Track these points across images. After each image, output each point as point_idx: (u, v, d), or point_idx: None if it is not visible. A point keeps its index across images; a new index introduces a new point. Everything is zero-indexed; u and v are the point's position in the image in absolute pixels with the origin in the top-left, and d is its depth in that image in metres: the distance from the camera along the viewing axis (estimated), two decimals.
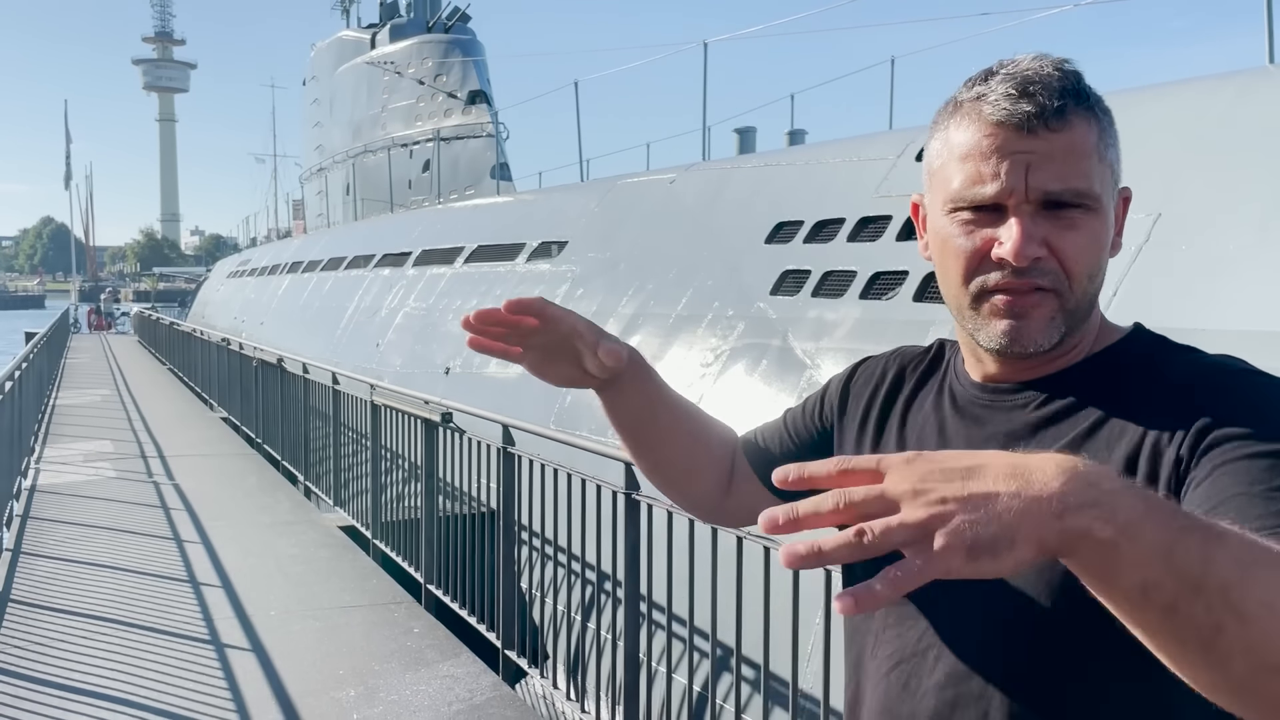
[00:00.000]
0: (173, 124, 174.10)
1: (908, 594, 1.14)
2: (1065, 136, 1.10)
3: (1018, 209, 1.11)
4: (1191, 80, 5.86)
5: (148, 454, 11.19)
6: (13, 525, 7.72)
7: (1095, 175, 1.12)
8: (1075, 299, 1.14)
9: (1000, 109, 1.11)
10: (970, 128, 1.14)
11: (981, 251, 1.13)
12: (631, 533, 4.24)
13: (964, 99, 1.16)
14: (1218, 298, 4.50)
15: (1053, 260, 1.11)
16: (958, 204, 1.15)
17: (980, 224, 1.14)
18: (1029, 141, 1.10)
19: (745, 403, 6.62)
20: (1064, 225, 1.11)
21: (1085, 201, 1.11)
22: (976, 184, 1.12)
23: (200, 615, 5.71)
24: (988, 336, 1.16)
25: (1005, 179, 1.10)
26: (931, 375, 1.34)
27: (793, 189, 7.89)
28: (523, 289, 10.71)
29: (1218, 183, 4.97)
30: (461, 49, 21.91)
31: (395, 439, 7.23)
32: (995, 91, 1.12)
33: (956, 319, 1.22)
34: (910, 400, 1.33)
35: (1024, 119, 1.10)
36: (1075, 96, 1.12)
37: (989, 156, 1.11)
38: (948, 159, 1.16)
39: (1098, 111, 1.15)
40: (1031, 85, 1.11)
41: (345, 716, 4.43)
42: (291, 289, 21.06)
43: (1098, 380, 1.17)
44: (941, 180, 1.17)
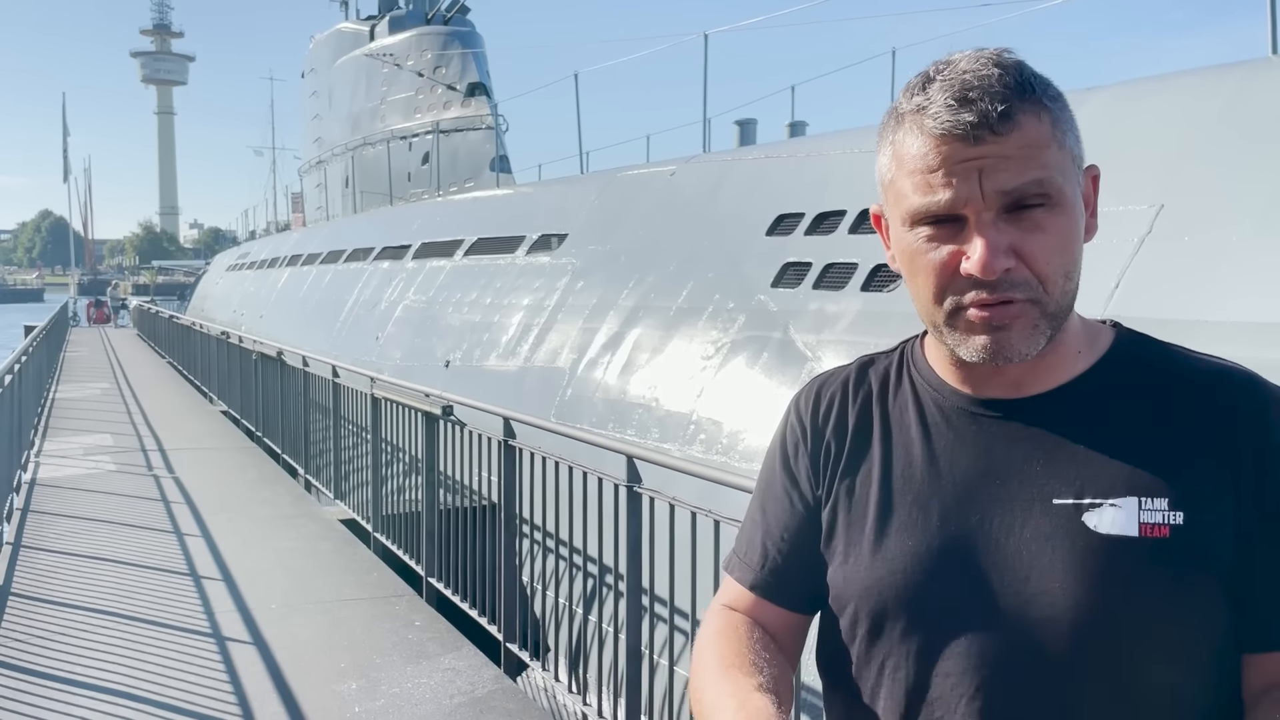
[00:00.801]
0: (171, 117, 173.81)
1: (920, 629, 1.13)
2: (1015, 137, 1.06)
3: (979, 218, 1.07)
4: (1193, 71, 5.85)
5: (148, 447, 11.18)
6: (13, 519, 7.71)
7: (1055, 166, 1.08)
8: (1055, 301, 1.10)
9: (942, 122, 1.07)
10: (915, 141, 1.09)
11: (950, 266, 1.09)
12: (633, 525, 4.24)
13: (905, 110, 1.11)
14: (1219, 289, 4.49)
15: (1023, 269, 1.07)
16: (916, 218, 1.11)
17: (943, 238, 1.09)
18: (977, 149, 1.06)
19: (746, 396, 6.62)
20: (1029, 228, 1.07)
21: (1047, 192, 1.07)
22: (930, 196, 1.08)
23: (201, 608, 5.71)
24: (969, 351, 1.11)
25: (959, 189, 1.06)
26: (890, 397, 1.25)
27: (794, 181, 7.88)
28: (522, 281, 10.70)
29: (1220, 174, 4.96)
30: (461, 41, 21.85)
31: (395, 432, 7.22)
32: (935, 103, 1.07)
33: (933, 334, 1.18)
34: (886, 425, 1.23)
35: (968, 129, 1.05)
36: (1019, 92, 1.07)
37: (937, 169, 1.07)
38: (897, 173, 1.12)
39: (1045, 101, 1.09)
40: (971, 91, 1.06)
41: (347, 709, 4.43)
42: (291, 282, 21.05)
43: (1108, 392, 1.14)
44: (895, 195, 1.13)
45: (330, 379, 8.77)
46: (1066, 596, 1.06)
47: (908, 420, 1.22)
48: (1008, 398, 1.16)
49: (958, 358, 1.15)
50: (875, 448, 1.23)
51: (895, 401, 1.24)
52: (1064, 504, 1.09)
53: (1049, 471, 1.11)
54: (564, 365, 8.76)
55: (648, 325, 8.08)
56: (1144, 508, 1.07)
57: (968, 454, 1.16)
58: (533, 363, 9.36)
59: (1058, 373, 1.15)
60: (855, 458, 1.24)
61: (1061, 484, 1.10)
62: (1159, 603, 1.05)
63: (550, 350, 9.19)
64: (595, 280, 9.37)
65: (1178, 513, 1.06)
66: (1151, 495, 1.07)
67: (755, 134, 17.74)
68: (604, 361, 8.26)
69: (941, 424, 1.19)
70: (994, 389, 1.16)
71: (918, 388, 1.23)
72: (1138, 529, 1.06)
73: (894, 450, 1.21)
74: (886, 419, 1.24)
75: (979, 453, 1.15)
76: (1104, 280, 4.73)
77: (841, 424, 1.26)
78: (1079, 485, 1.09)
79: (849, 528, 1.21)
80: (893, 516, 1.18)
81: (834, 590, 1.21)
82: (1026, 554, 1.09)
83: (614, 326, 8.48)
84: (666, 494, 4.02)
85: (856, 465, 1.23)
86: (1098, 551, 1.06)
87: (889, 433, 1.23)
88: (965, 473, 1.15)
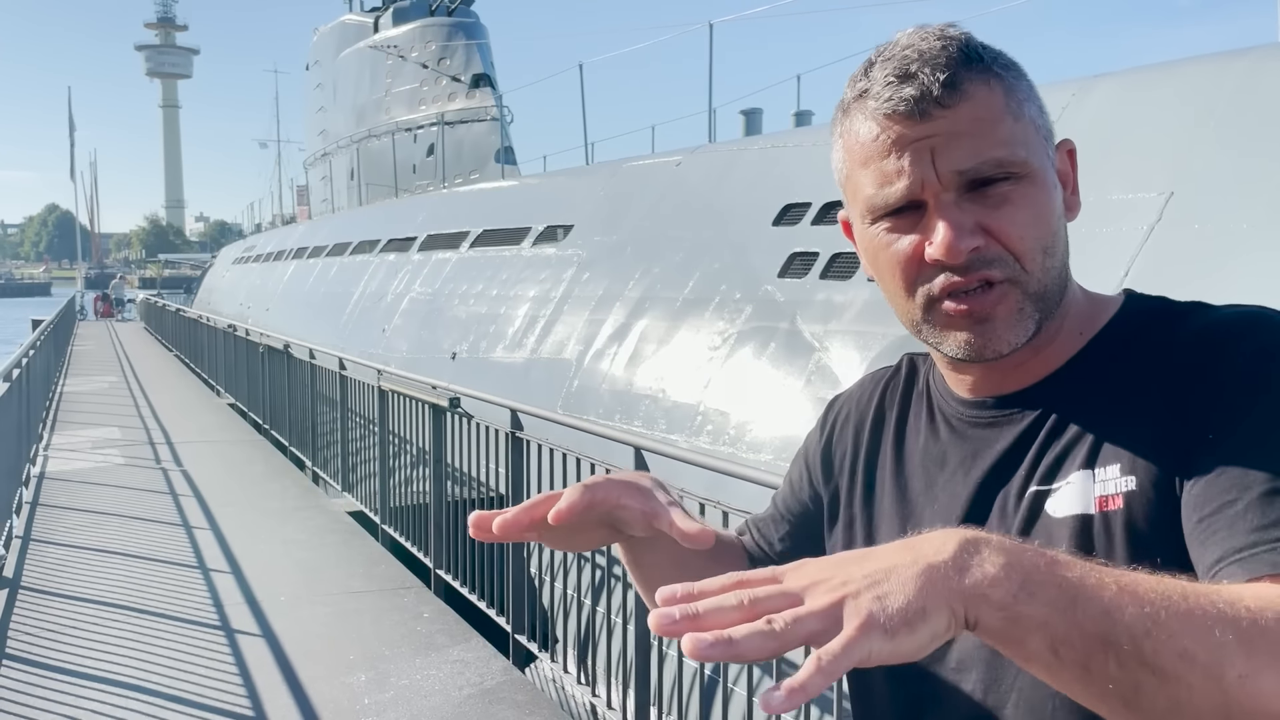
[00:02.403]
0: (176, 110, 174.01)
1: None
2: (965, 109, 0.98)
3: (938, 200, 0.99)
4: (1202, 58, 5.80)
5: (155, 441, 11.21)
6: (22, 512, 7.73)
7: (1014, 139, 0.99)
8: (1036, 280, 1.01)
9: (884, 101, 1.00)
10: (861, 128, 1.03)
11: (915, 256, 1.02)
12: None
13: (849, 100, 1.05)
14: (1230, 276, 4.46)
15: (995, 244, 0.99)
16: (875, 213, 1.04)
17: (904, 227, 1.02)
18: (925, 126, 0.99)
19: (753, 386, 6.60)
20: (996, 203, 0.99)
21: (1011, 169, 0.99)
22: (884, 185, 1.01)
23: (210, 601, 5.72)
24: (952, 347, 1.04)
25: (911, 172, 0.99)
26: (911, 395, 1.22)
27: (800, 170, 7.85)
28: (528, 273, 10.68)
29: (1229, 161, 4.93)
30: (465, 32, 21.83)
31: (402, 424, 7.22)
32: (877, 82, 1.01)
33: (914, 335, 1.09)
34: (899, 434, 1.20)
35: (912, 104, 0.98)
36: (964, 62, 1.00)
37: (888, 154, 1.00)
38: (851, 168, 1.06)
39: (997, 69, 1.01)
40: (912, 65, 0.99)
41: (356, 701, 4.43)
42: (297, 275, 21.07)
43: (1100, 372, 1.05)
44: (852, 191, 1.07)
45: (337, 371, 8.78)
46: None
47: (919, 423, 1.19)
48: (1001, 393, 1.10)
49: (948, 359, 1.09)
50: (884, 449, 1.21)
51: (912, 403, 1.21)
52: (1030, 493, 1.03)
53: (1031, 462, 1.05)
54: (570, 357, 8.75)
55: (654, 316, 8.06)
56: (1098, 479, 0.98)
57: (956, 454, 1.12)
58: (539, 354, 9.35)
59: (1052, 360, 1.08)
60: (868, 457, 1.22)
61: (1031, 474, 1.04)
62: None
63: (557, 342, 9.18)
64: (601, 271, 9.36)
65: (1129, 477, 0.96)
66: (1104, 464, 0.98)
67: (761, 123, 17.70)
68: (611, 353, 8.25)
69: (941, 425, 1.15)
70: (987, 388, 1.11)
71: (930, 392, 1.20)
72: (1094, 504, 0.98)
73: (900, 452, 1.19)
74: (903, 419, 1.21)
75: (967, 453, 1.11)
76: (1114, 268, 4.71)
77: (860, 422, 1.25)
78: (1048, 471, 1.02)
79: (845, 528, 1.21)
80: (884, 519, 1.17)
81: None
82: None
83: (620, 318, 8.47)
84: (674, 485, 4.01)
85: (865, 465, 1.22)
86: (1055, 537, 0.99)
87: (901, 439, 1.19)
88: (953, 474, 1.11)
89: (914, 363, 1.25)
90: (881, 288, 1.09)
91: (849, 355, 5.91)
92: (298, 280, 20.66)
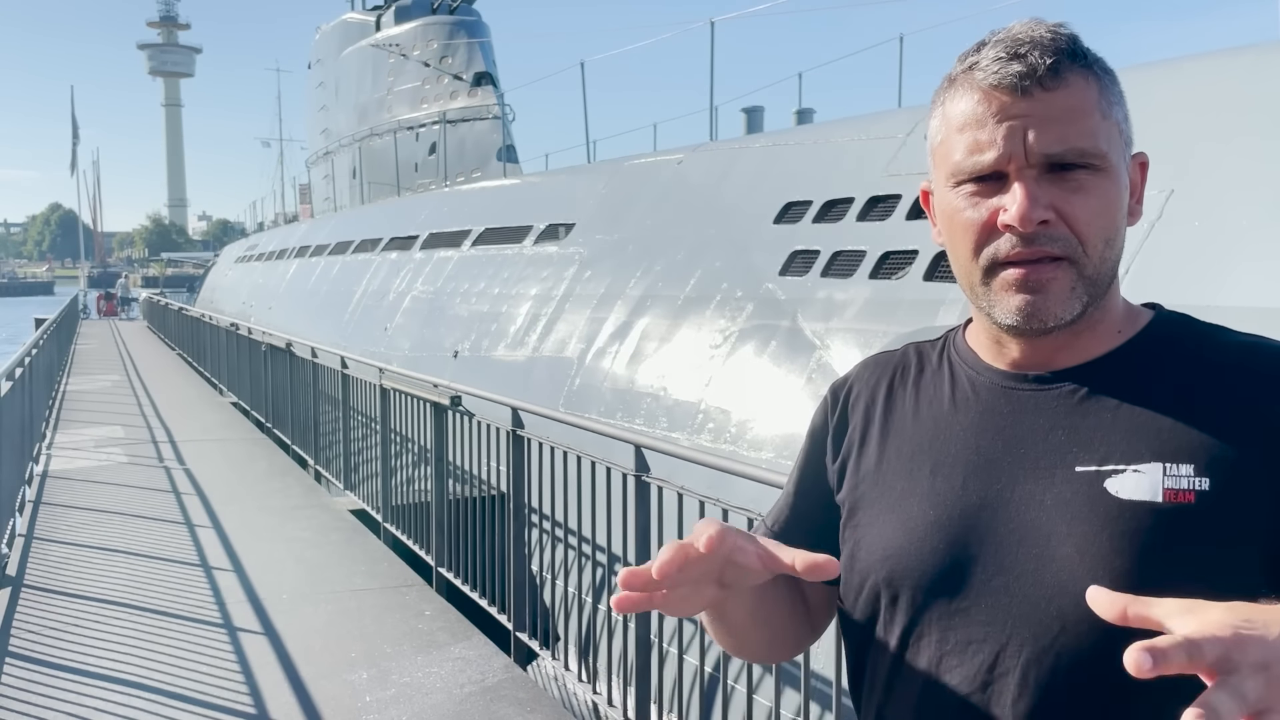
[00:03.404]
0: (178, 109, 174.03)
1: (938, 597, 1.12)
2: (1062, 95, 1.07)
3: (1020, 174, 1.07)
4: (1204, 55, 5.80)
5: (158, 439, 11.23)
6: (25, 511, 7.75)
7: (1100, 133, 1.08)
8: (1093, 265, 1.08)
9: (991, 74, 1.08)
10: (965, 98, 1.11)
11: (989, 223, 1.09)
12: (641, 514, 4.24)
13: (957, 72, 1.13)
14: (1230, 274, 4.46)
15: (1062, 225, 1.07)
16: (960, 177, 1.11)
17: (985, 194, 1.10)
18: (1025, 104, 1.06)
19: (754, 385, 6.60)
20: (1072, 188, 1.07)
21: (1091, 161, 1.07)
22: (975, 153, 1.09)
23: (212, 599, 5.73)
24: (1004, 312, 1.10)
25: (1003, 144, 1.07)
26: (924, 373, 1.26)
27: (801, 168, 7.85)
28: (530, 271, 10.69)
29: (1231, 158, 4.93)
30: (467, 30, 21.84)
31: (404, 422, 7.23)
32: (986, 58, 1.09)
33: (970, 297, 1.16)
34: (916, 406, 1.23)
35: (1016, 80, 1.06)
36: (1070, 55, 1.08)
37: (985, 124, 1.08)
38: (947, 133, 1.13)
39: (1097, 70, 1.11)
40: (1022, 47, 1.07)
41: (358, 699, 4.44)
42: (299, 273, 21.08)
43: (1140, 366, 1.12)
44: (943, 156, 1.14)
45: (339, 370, 8.78)
46: (1084, 562, 1.04)
47: (941, 396, 1.22)
48: (1039, 371, 1.15)
49: (995, 334, 1.15)
50: (907, 424, 1.23)
51: (931, 381, 1.24)
52: (1086, 471, 1.08)
53: (1073, 440, 1.10)
54: (572, 355, 8.76)
55: (656, 314, 8.07)
56: (1168, 474, 1.05)
57: (993, 425, 1.15)
58: (541, 353, 9.36)
59: (1093, 348, 1.14)
60: (883, 434, 1.24)
61: (1085, 452, 1.09)
62: (1182, 569, 1.01)
63: (558, 340, 9.19)
64: (603, 270, 9.36)
65: (1204, 479, 1.03)
66: (1176, 461, 1.05)
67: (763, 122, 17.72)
68: (612, 351, 8.25)
69: (971, 398, 1.19)
70: (1028, 364, 1.16)
71: (954, 366, 1.23)
72: (1161, 495, 1.04)
73: (921, 426, 1.21)
74: (918, 397, 1.24)
75: (1004, 424, 1.14)
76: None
77: (871, 402, 1.28)
78: (1103, 452, 1.08)
79: (875, 501, 1.22)
80: (916, 488, 1.18)
81: (855, 562, 1.21)
82: (1047, 521, 1.08)
83: (622, 316, 8.47)
84: (675, 483, 4.01)
85: (884, 441, 1.24)
86: (1118, 518, 1.04)
87: (920, 410, 1.23)
88: (990, 444, 1.14)
89: (921, 350, 1.29)
90: (948, 248, 1.16)
91: (850, 353, 5.91)
92: (300, 279, 20.67)
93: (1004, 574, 1.09)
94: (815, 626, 1.36)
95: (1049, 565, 1.07)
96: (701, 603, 1.10)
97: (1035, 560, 1.07)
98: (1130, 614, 0.82)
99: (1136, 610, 0.83)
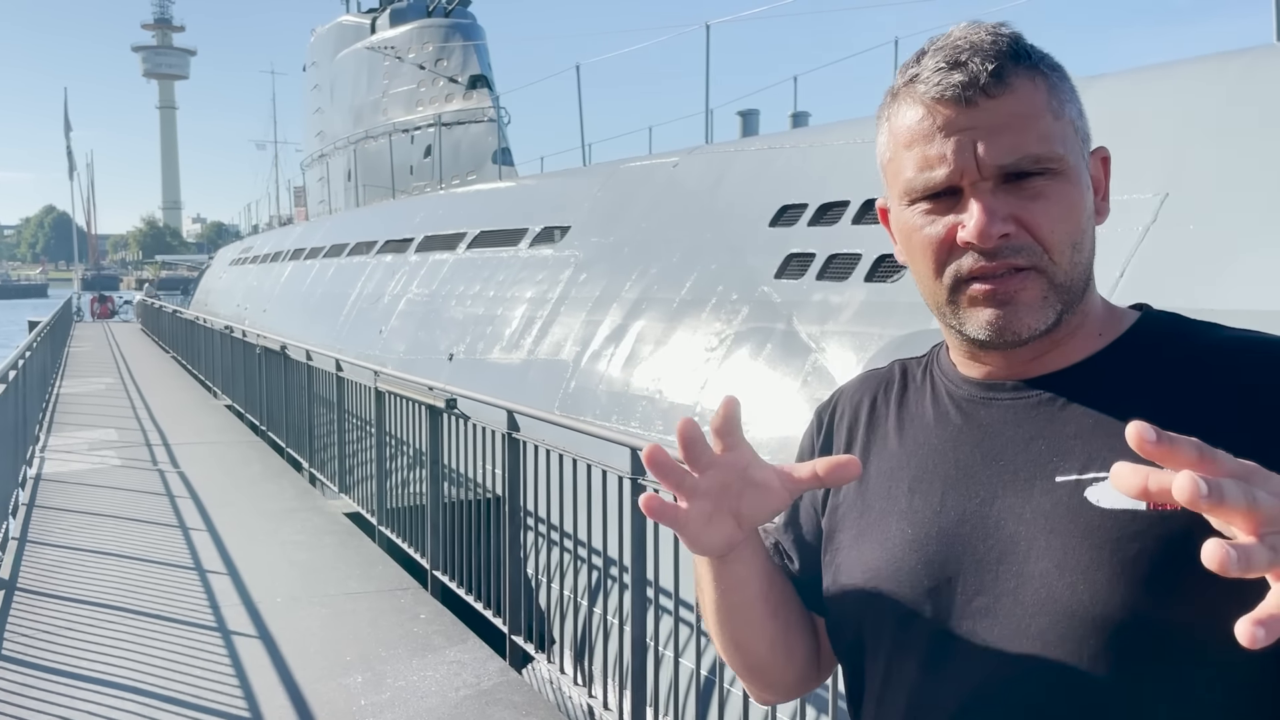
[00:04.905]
0: (173, 111, 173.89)
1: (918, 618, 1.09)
2: (1009, 101, 1.02)
3: (975, 188, 1.03)
4: (1198, 59, 5.82)
5: (152, 442, 11.20)
6: (18, 514, 7.73)
7: (1053, 135, 1.04)
8: (1063, 272, 1.04)
9: (933, 85, 1.04)
10: (909, 113, 1.07)
11: (948, 240, 1.05)
12: (637, 517, 4.23)
13: (899, 85, 1.09)
14: (1225, 277, 4.47)
15: (1025, 234, 1.02)
16: (913, 195, 1.07)
17: (941, 211, 1.06)
18: (970, 115, 1.03)
19: (749, 387, 6.61)
20: (1030, 196, 1.03)
21: (1048, 165, 1.03)
22: (926, 170, 1.05)
23: (206, 602, 5.71)
24: (975, 327, 1.06)
25: (954, 159, 1.03)
26: (908, 390, 1.23)
27: (797, 171, 7.86)
28: (526, 274, 10.68)
29: (1225, 162, 4.94)
30: (462, 33, 21.83)
31: (399, 425, 7.22)
32: (926, 69, 1.05)
33: (938, 317, 1.12)
34: (900, 421, 1.20)
35: (959, 90, 1.02)
36: (1013, 57, 1.04)
37: (932, 139, 1.04)
38: (895, 151, 1.09)
39: (1043, 69, 1.06)
40: (962, 54, 1.03)
41: (353, 703, 4.43)
42: (294, 276, 21.05)
43: (1123, 368, 1.08)
44: (893, 174, 1.10)
45: (334, 373, 8.77)
46: (1063, 577, 1.00)
47: (922, 412, 1.19)
48: (1017, 379, 1.11)
49: (970, 345, 1.11)
50: (888, 442, 1.20)
51: (914, 398, 1.21)
52: (1067, 480, 1.03)
53: (1053, 449, 1.05)
54: (567, 358, 8.76)
55: (651, 317, 8.07)
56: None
57: (971, 438, 1.12)
58: (536, 355, 9.35)
59: (1072, 354, 1.10)
60: (864, 453, 1.21)
61: (1065, 460, 1.04)
62: (1166, 579, 0.97)
63: (554, 343, 9.18)
64: (598, 272, 9.36)
65: None
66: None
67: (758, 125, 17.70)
68: (607, 354, 8.25)
69: (952, 412, 1.15)
70: (1006, 373, 1.12)
71: (935, 383, 1.20)
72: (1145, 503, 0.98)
73: (903, 443, 1.18)
74: (902, 416, 1.21)
75: (982, 435, 1.11)
76: (1109, 269, 4.71)
77: (855, 421, 1.25)
78: (1083, 460, 1.03)
79: (854, 522, 1.19)
80: (894, 507, 1.15)
81: (836, 585, 1.19)
82: (1027, 535, 1.04)
83: (617, 319, 8.47)
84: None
85: (865, 460, 1.20)
86: (1099, 528, 1.00)
87: (903, 428, 1.20)
88: (969, 456, 1.11)
89: (906, 366, 1.26)
90: (912, 269, 1.12)
91: (845, 356, 5.92)
92: (295, 281, 20.64)
93: (984, 594, 1.06)
94: (823, 665, 1.31)
95: (1029, 583, 1.03)
96: (721, 533, 1.10)
97: (1016, 578, 1.04)
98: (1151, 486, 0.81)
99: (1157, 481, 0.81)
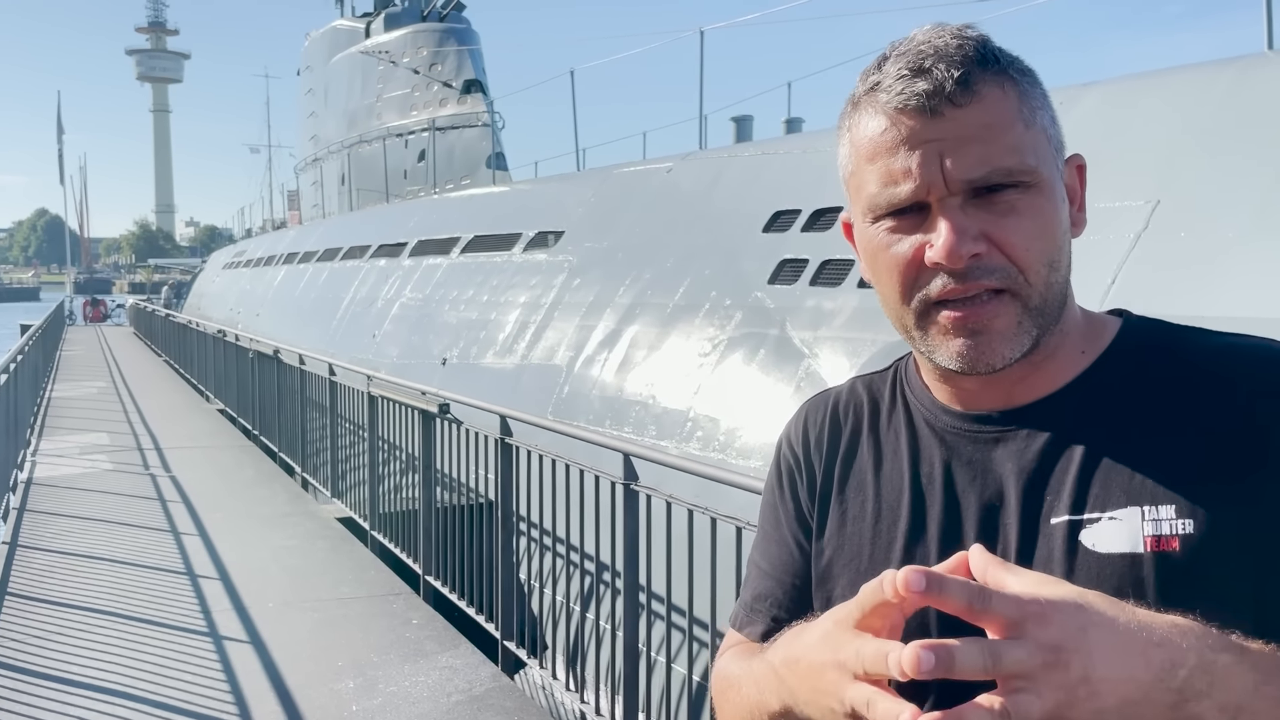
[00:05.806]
0: (167, 114, 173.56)
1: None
2: (977, 110, 0.95)
3: (943, 204, 0.96)
4: (1190, 66, 5.84)
5: (144, 446, 11.17)
6: (9, 518, 7.70)
7: (1025, 146, 0.96)
8: (1038, 294, 0.97)
9: (895, 94, 0.96)
10: (871, 123, 0.99)
11: (915, 260, 0.98)
12: (630, 523, 4.23)
13: (860, 94, 1.02)
14: (1217, 284, 4.49)
15: (997, 254, 0.95)
16: (877, 211, 1.00)
17: (907, 229, 0.98)
18: (936, 125, 0.95)
19: (743, 393, 6.61)
20: (1002, 211, 0.95)
21: (1020, 178, 0.95)
22: (890, 185, 0.98)
23: (198, 607, 5.70)
24: (945, 356, 0.99)
25: (919, 174, 0.95)
26: (879, 415, 1.13)
27: (790, 177, 7.87)
28: (519, 279, 10.68)
29: (1216, 169, 4.96)
30: (456, 38, 21.82)
31: (392, 430, 7.21)
32: (889, 76, 0.98)
33: (906, 340, 1.05)
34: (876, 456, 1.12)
35: (924, 100, 0.95)
36: (980, 63, 0.97)
37: (896, 152, 0.97)
38: (857, 164, 1.02)
39: (1013, 74, 0.99)
40: (926, 60, 0.96)
41: (344, 708, 4.42)
42: (287, 280, 21.02)
43: (1110, 390, 1.01)
44: (856, 188, 1.03)
45: (327, 377, 8.76)
46: None
47: (900, 446, 1.11)
48: (1001, 409, 1.04)
49: (942, 370, 1.04)
50: (868, 477, 1.12)
51: (889, 426, 1.13)
52: (1061, 522, 0.97)
53: (1044, 488, 0.99)
54: (561, 363, 8.75)
55: (645, 322, 8.07)
56: (1147, 518, 0.93)
57: (960, 478, 1.05)
58: (529, 360, 9.35)
59: (1056, 376, 1.03)
60: (847, 490, 1.13)
61: (1058, 500, 0.98)
62: None
63: (547, 348, 9.18)
64: (592, 277, 9.36)
65: (1186, 521, 0.92)
66: (1155, 503, 0.94)
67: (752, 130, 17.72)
68: (601, 359, 8.25)
69: (934, 447, 1.08)
70: (986, 401, 1.05)
71: (911, 409, 1.12)
72: (1143, 543, 0.93)
73: (885, 480, 1.10)
74: (879, 446, 1.13)
75: (972, 475, 1.04)
76: (1100, 277, 4.73)
77: (832, 454, 1.16)
78: (1076, 499, 0.97)
79: (844, 569, 1.11)
80: (887, 552, 1.08)
81: None
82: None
83: (611, 324, 8.47)
84: (663, 491, 4.01)
85: (848, 497, 1.13)
86: (1098, 575, 0.93)
87: (880, 461, 1.12)
88: (957, 499, 1.04)
89: (871, 385, 1.18)
90: (877, 290, 1.05)
91: (838, 362, 5.93)
92: (288, 285, 20.61)
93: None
94: None
95: None
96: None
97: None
98: (989, 576, 0.82)
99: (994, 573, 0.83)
